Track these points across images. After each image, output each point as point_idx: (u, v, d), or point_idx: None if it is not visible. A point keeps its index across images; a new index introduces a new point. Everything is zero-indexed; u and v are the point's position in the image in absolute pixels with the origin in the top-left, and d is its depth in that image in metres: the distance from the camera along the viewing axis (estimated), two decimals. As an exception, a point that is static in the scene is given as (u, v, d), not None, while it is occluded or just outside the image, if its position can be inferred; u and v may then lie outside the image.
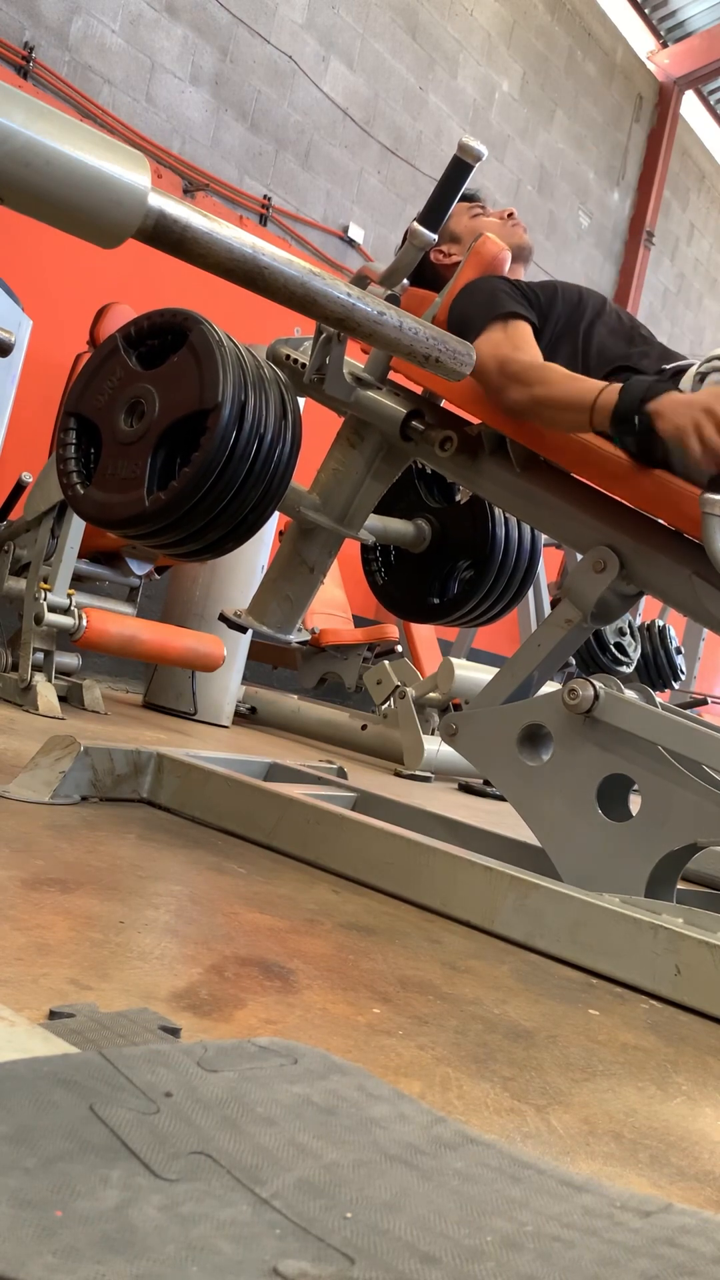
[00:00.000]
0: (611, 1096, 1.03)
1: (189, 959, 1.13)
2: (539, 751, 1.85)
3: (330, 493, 2.04)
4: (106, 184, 1.18)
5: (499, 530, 2.23)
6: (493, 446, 1.98)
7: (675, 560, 1.78)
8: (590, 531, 1.86)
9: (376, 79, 7.25)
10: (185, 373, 1.66)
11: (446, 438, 1.99)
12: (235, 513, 1.67)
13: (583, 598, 1.84)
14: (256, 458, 1.64)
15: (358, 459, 2.05)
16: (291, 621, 2.07)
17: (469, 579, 2.27)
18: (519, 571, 2.27)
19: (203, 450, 1.60)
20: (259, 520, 1.71)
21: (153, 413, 1.68)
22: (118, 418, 1.72)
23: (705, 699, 6.31)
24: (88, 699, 3.55)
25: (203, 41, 6.16)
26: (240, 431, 1.62)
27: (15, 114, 1.11)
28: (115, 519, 1.70)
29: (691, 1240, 0.61)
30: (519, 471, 1.95)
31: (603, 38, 9.20)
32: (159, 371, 1.71)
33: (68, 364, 4.55)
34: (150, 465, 1.67)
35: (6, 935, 1.07)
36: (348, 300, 1.46)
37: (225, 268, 1.32)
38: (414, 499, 2.34)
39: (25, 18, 5.34)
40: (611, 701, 1.75)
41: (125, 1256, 0.48)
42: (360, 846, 1.72)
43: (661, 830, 1.68)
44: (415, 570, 2.34)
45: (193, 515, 1.65)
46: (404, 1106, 0.72)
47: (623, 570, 1.81)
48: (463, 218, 2.17)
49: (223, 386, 1.61)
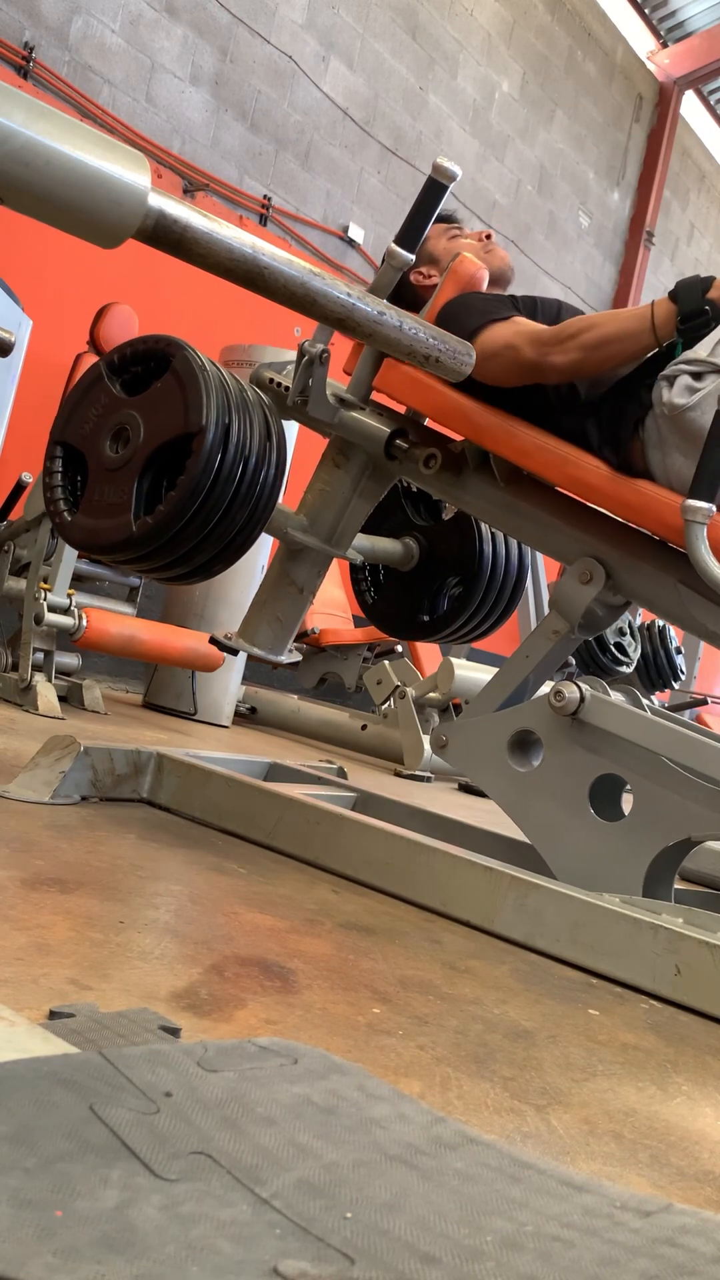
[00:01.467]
0: (611, 1096, 1.03)
1: (189, 959, 1.13)
2: (529, 757, 1.86)
3: (317, 513, 2.06)
4: (106, 184, 1.18)
5: (486, 546, 2.25)
6: (476, 462, 2.00)
7: (660, 569, 1.79)
8: (575, 543, 1.88)
9: (376, 79, 7.25)
10: (169, 398, 1.68)
11: (430, 455, 2.01)
12: (222, 535, 1.69)
13: (570, 609, 1.85)
14: (242, 480, 1.66)
15: (344, 479, 2.07)
16: (282, 642, 2.09)
17: (458, 595, 2.29)
18: (508, 586, 2.29)
19: (188, 474, 1.62)
20: (246, 542, 1.73)
21: (138, 438, 1.70)
22: (103, 444, 1.74)
23: (705, 699, 6.31)
24: (88, 699, 3.55)
25: (203, 41, 6.16)
26: (225, 454, 1.64)
27: (15, 114, 1.11)
28: (103, 544, 1.72)
29: (691, 1240, 0.61)
30: (503, 486, 1.97)
31: (603, 38, 9.19)
32: (143, 398, 1.73)
33: (68, 364, 4.55)
34: (136, 490, 1.69)
35: (6, 935, 1.07)
36: (348, 300, 1.46)
37: (225, 268, 1.32)
38: (401, 518, 2.36)
39: (25, 18, 5.34)
40: (597, 704, 1.76)
41: (125, 1256, 0.48)
42: (360, 846, 1.72)
43: (655, 827, 1.69)
44: (405, 588, 2.36)
45: (180, 538, 1.66)
46: (404, 1106, 0.72)
47: (609, 581, 1.82)
48: (440, 239, 2.18)
49: (206, 410, 1.63)
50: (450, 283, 2.03)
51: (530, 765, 1.84)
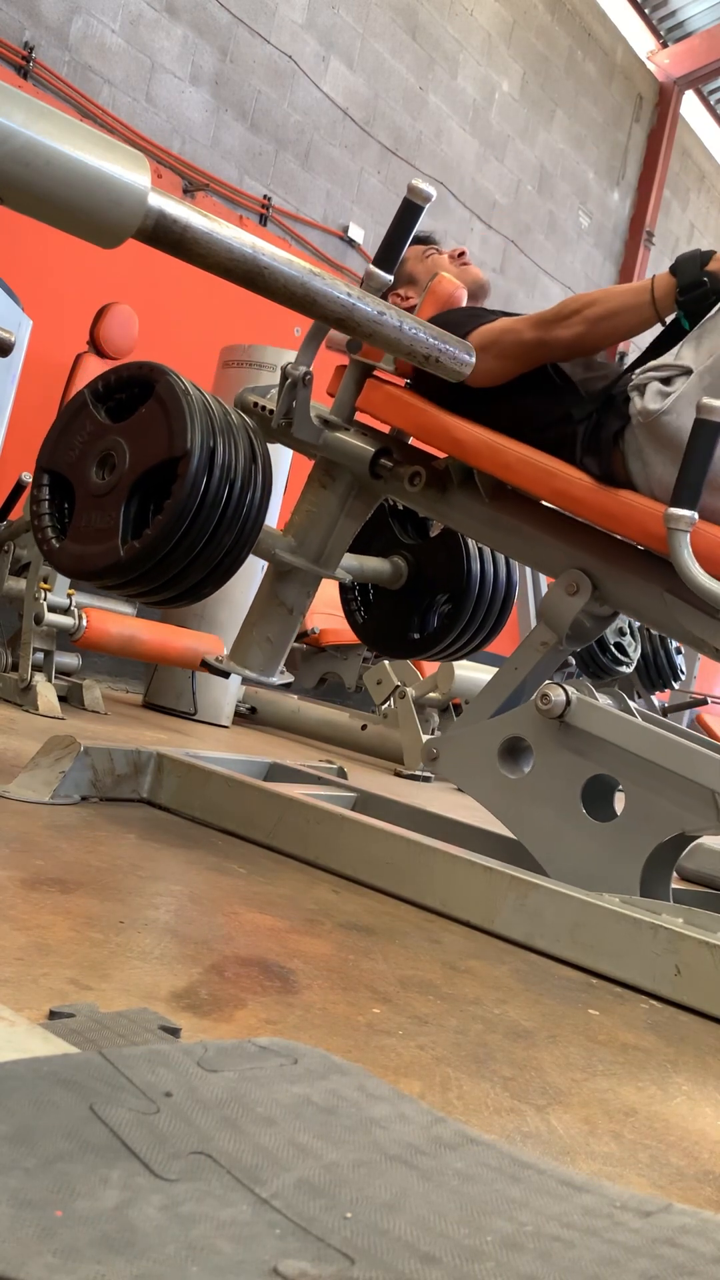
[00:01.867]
0: (611, 1096, 1.03)
1: (189, 959, 1.13)
2: (520, 764, 1.87)
3: (305, 534, 2.07)
4: (106, 184, 1.18)
5: (474, 563, 2.26)
6: (461, 479, 2.01)
7: (646, 579, 1.80)
8: (561, 555, 1.89)
9: (376, 79, 7.25)
10: (154, 423, 1.69)
11: (415, 473, 2.02)
12: (210, 557, 1.70)
13: (558, 620, 1.86)
14: (229, 502, 1.67)
15: (330, 499, 2.08)
16: (274, 663, 2.10)
17: (448, 612, 2.30)
18: (497, 601, 2.31)
19: (174, 497, 1.63)
20: (234, 564, 1.74)
21: (123, 464, 1.71)
22: (89, 471, 1.75)
23: (705, 699, 6.31)
24: (88, 699, 3.55)
25: (203, 41, 6.16)
26: (211, 477, 1.65)
27: (15, 114, 1.11)
28: (91, 569, 1.73)
29: (691, 1240, 0.61)
30: (488, 501, 1.97)
31: (603, 38, 9.19)
32: (128, 423, 1.74)
33: (68, 364, 4.55)
34: (124, 515, 1.70)
35: (6, 935, 1.07)
36: (348, 300, 1.46)
37: (225, 268, 1.32)
38: (389, 537, 2.38)
39: (25, 18, 5.34)
40: (583, 707, 1.77)
41: (125, 1256, 0.48)
42: (360, 846, 1.72)
43: (648, 825, 1.70)
44: (394, 607, 2.37)
45: (168, 562, 1.67)
46: (404, 1106, 0.72)
47: (596, 592, 1.83)
48: (418, 261, 2.21)
49: (191, 434, 1.64)
50: (430, 302, 2.06)
51: (521, 772, 1.85)
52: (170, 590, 1.75)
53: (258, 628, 2.08)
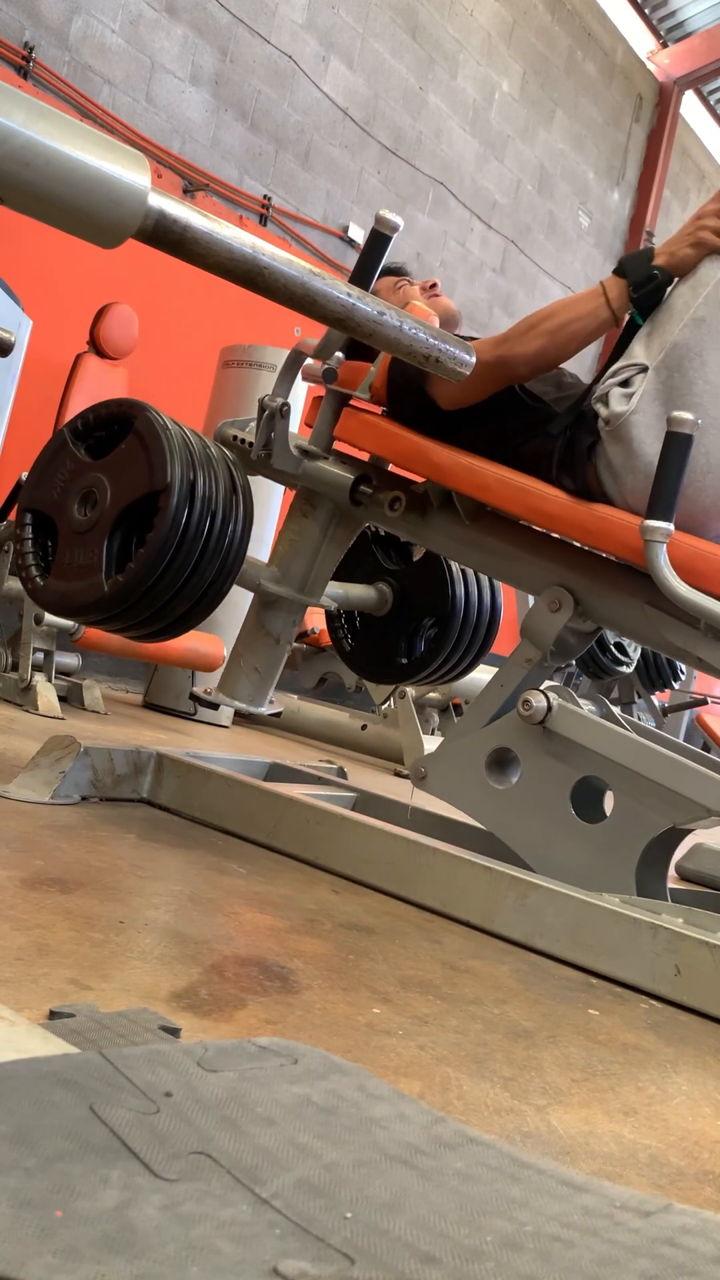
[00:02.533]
0: (611, 1096, 1.03)
1: (189, 959, 1.13)
2: (508, 774, 1.87)
3: (289, 563, 2.08)
4: (106, 184, 1.18)
5: (458, 586, 2.28)
6: (440, 502, 2.02)
7: (627, 593, 1.81)
8: (543, 573, 1.90)
9: (376, 79, 7.25)
10: (134, 458, 1.70)
11: (395, 498, 2.03)
12: (194, 588, 1.71)
13: (541, 637, 1.86)
14: (210, 533, 1.68)
15: (312, 528, 2.09)
16: (263, 693, 2.11)
17: (434, 636, 2.32)
18: (483, 622, 2.33)
19: (156, 530, 1.64)
20: (219, 595, 1.74)
21: (105, 500, 1.72)
22: (71, 508, 1.76)
23: (705, 699, 6.30)
24: (88, 699, 3.55)
25: (203, 41, 6.16)
26: (192, 509, 1.66)
27: (15, 114, 1.11)
28: (76, 605, 1.74)
29: (691, 1240, 0.61)
30: (468, 523, 1.99)
31: (603, 38, 9.19)
32: (108, 460, 1.75)
33: (68, 364, 4.55)
34: (106, 550, 1.70)
35: (6, 935, 1.07)
36: (348, 300, 1.46)
37: (225, 268, 1.32)
38: (372, 564, 2.39)
39: (25, 18, 5.34)
40: (563, 713, 1.78)
41: (125, 1256, 0.48)
42: (360, 846, 1.72)
43: (638, 822, 1.71)
44: (381, 633, 2.39)
45: (152, 595, 1.68)
46: (404, 1106, 0.72)
47: (578, 607, 1.84)
48: (390, 293, 2.22)
49: (171, 467, 1.65)
50: None
51: (510, 782, 1.86)
52: (156, 623, 1.76)
53: (245, 658, 2.10)
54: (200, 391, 4.83)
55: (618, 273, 1.79)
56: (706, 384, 1.69)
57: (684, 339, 1.70)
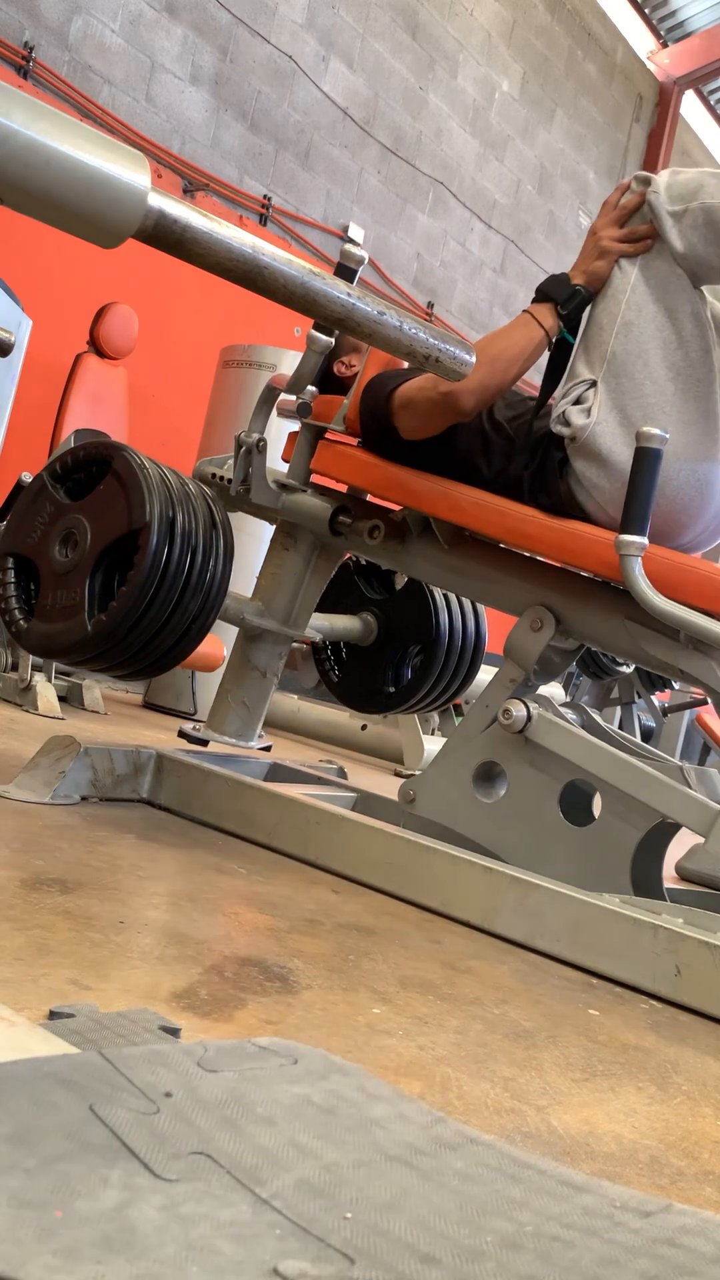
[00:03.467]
0: (611, 1096, 1.03)
1: (189, 959, 1.13)
2: (495, 787, 1.88)
3: (272, 597, 2.10)
4: (106, 184, 1.18)
5: (442, 614, 2.30)
6: (419, 529, 2.04)
7: (607, 609, 1.82)
8: (523, 594, 1.91)
9: (376, 79, 7.25)
10: (113, 498, 1.72)
11: (374, 526, 2.05)
12: (178, 625, 1.71)
13: (524, 657, 1.87)
14: (192, 569, 1.69)
15: (294, 560, 2.11)
16: (251, 727, 2.13)
17: (420, 664, 2.33)
18: (468, 647, 2.35)
19: (138, 568, 1.65)
20: (203, 630, 1.75)
21: (85, 541, 1.73)
22: (52, 550, 1.77)
23: (704, 699, 6.30)
24: (88, 699, 3.55)
25: (203, 41, 6.16)
26: (172, 546, 1.67)
27: (15, 114, 1.11)
28: (60, 646, 1.74)
29: (691, 1240, 0.61)
30: (447, 548, 2.00)
31: (603, 38, 9.19)
32: (87, 501, 1.76)
33: (68, 364, 4.55)
34: (89, 590, 1.71)
35: (6, 935, 1.07)
36: (348, 300, 1.46)
37: (225, 268, 1.32)
38: (356, 595, 2.41)
39: (25, 17, 5.34)
40: (542, 723, 1.80)
41: (125, 1256, 0.48)
42: (360, 846, 1.72)
43: (627, 819, 1.72)
44: (367, 663, 2.41)
45: (136, 633, 1.69)
46: (404, 1106, 0.72)
47: (559, 626, 1.85)
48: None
49: (150, 505, 1.66)
50: (372, 363, 2.10)
51: (498, 795, 1.86)
52: (140, 661, 1.76)
53: (233, 693, 2.11)
54: (200, 391, 4.83)
55: (539, 299, 1.87)
56: (654, 382, 1.75)
57: (619, 346, 1.78)
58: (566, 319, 1.85)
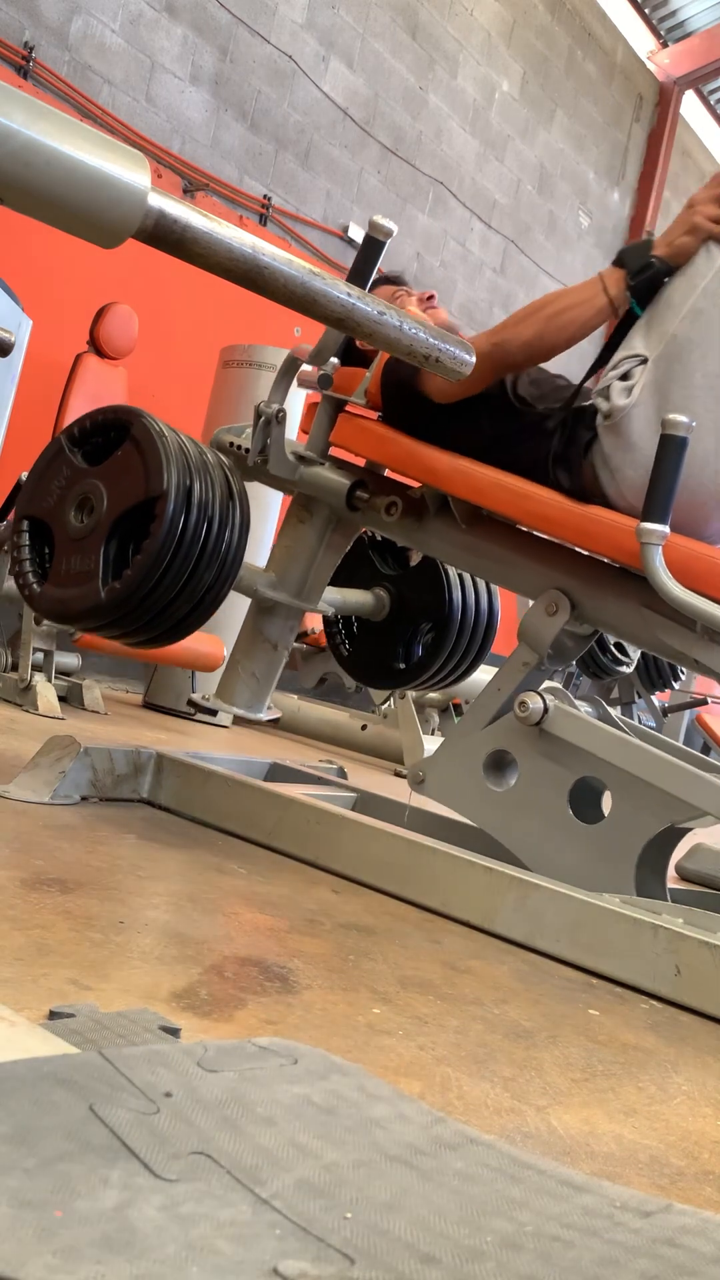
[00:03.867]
0: (611, 1096, 1.03)
1: (189, 959, 1.13)
2: (506, 776, 1.87)
3: (286, 569, 2.08)
4: (106, 184, 1.18)
5: (455, 591, 2.28)
6: (437, 507, 2.02)
7: (624, 596, 1.81)
8: (539, 577, 1.89)
9: (376, 79, 7.25)
10: (130, 464, 1.70)
11: (392, 503, 2.03)
12: (191, 594, 1.70)
13: (538, 641, 1.86)
14: (208, 539, 1.68)
15: (309, 533, 2.09)
16: (260, 699, 2.11)
17: (431, 641, 2.31)
18: (480, 627, 2.32)
19: (153, 536, 1.64)
20: (216, 600, 1.74)
21: (101, 506, 1.71)
22: (68, 515, 1.76)
23: (705, 699, 6.30)
24: (88, 699, 3.55)
25: (203, 41, 6.16)
26: (189, 516, 1.66)
27: (15, 114, 1.11)
28: (73, 612, 1.73)
29: (691, 1240, 0.61)
30: (464, 528, 1.98)
31: (603, 38, 9.19)
32: (104, 466, 1.75)
33: (68, 364, 4.55)
34: (103, 557, 1.70)
35: (6, 935, 1.07)
36: (348, 300, 1.46)
37: (225, 268, 1.32)
38: (370, 569, 2.39)
39: (25, 17, 5.34)
40: (559, 714, 1.78)
41: (125, 1256, 0.48)
42: (360, 846, 1.72)
43: (636, 821, 1.72)
44: (378, 638, 2.39)
45: (149, 601, 1.68)
46: (404, 1106, 0.72)
47: (575, 611, 1.84)
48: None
49: (167, 473, 1.65)
50: None
51: (508, 784, 1.86)
52: (153, 629, 1.75)
53: (243, 665, 2.10)
54: (200, 391, 4.83)
55: (617, 263, 1.79)
56: (705, 376, 1.68)
57: (683, 331, 1.69)
58: (635, 290, 1.76)
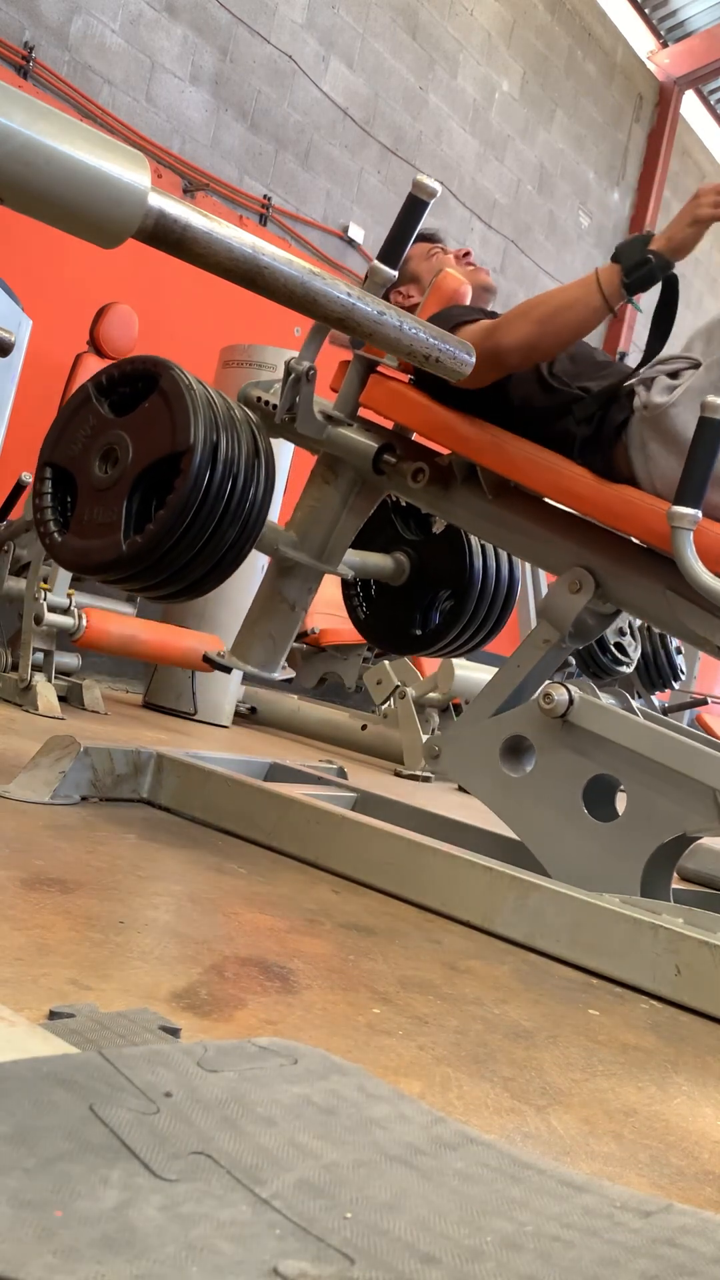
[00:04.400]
0: (611, 1096, 1.03)
1: (189, 959, 1.13)
2: (522, 762, 1.87)
3: (307, 530, 2.07)
4: (106, 184, 1.18)
5: (476, 560, 2.26)
6: (464, 475, 2.00)
7: (649, 577, 1.80)
8: (564, 553, 1.88)
9: (376, 79, 7.25)
10: (157, 417, 1.68)
11: (419, 469, 2.01)
12: (213, 552, 1.69)
13: (560, 618, 1.85)
14: (231, 497, 1.66)
15: (333, 495, 2.07)
16: (275, 659, 2.10)
17: (450, 609, 2.29)
18: (499, 599, 2.30)
19: (177, 492, 1.62)
20: (237, 559, 1.73)
21: (126, 458, 1.70)
22: (92, 465, 1.74)
23: (705, 699, 6.31)
24: (88, 699, 3.55)
25: (203, 41, 6.16)
26: (214, 471, 1.64)
27: (15, 114, 1.11)
28: (93, 564, 1.72)
29: (691, 1240, 0.61)
30: (491, 499, 1.97)
31: (603, 38, 9.19)
32: (131, 418, 1.73)
33: (68, 364, 4.55)
34: (126, 510, 1.69)
35: (6, 935, 1.07)
36: (348, 300, 1.46)
37: (225, 268, 1.32)
38: (391, 533, 2.37)
39: (25, 17, 5.34)
40: (586, 706, 1.77)
41: (125, 1256, 0.48)
42: (360, 846, 1.72)
43: (649, 826, 1.70)
44: (397, 603, 2.37)
45: (170, 556, 1.67)
46: (404, 1106, 0.72)
47: (598, 589, 1.83)
48: (422, 260, 2.19)
49: (194, 428, 1.63)
50: (433, 299, 2.05)
51: (523, 770, 1.85)
52: (172, 585, 1.74)
53: (259, 623, 2.07)
54: (200, 391, 4.82)
55: (614, 259, 1.75)
56: None
57: None
58: (630, 287, 1.72)
